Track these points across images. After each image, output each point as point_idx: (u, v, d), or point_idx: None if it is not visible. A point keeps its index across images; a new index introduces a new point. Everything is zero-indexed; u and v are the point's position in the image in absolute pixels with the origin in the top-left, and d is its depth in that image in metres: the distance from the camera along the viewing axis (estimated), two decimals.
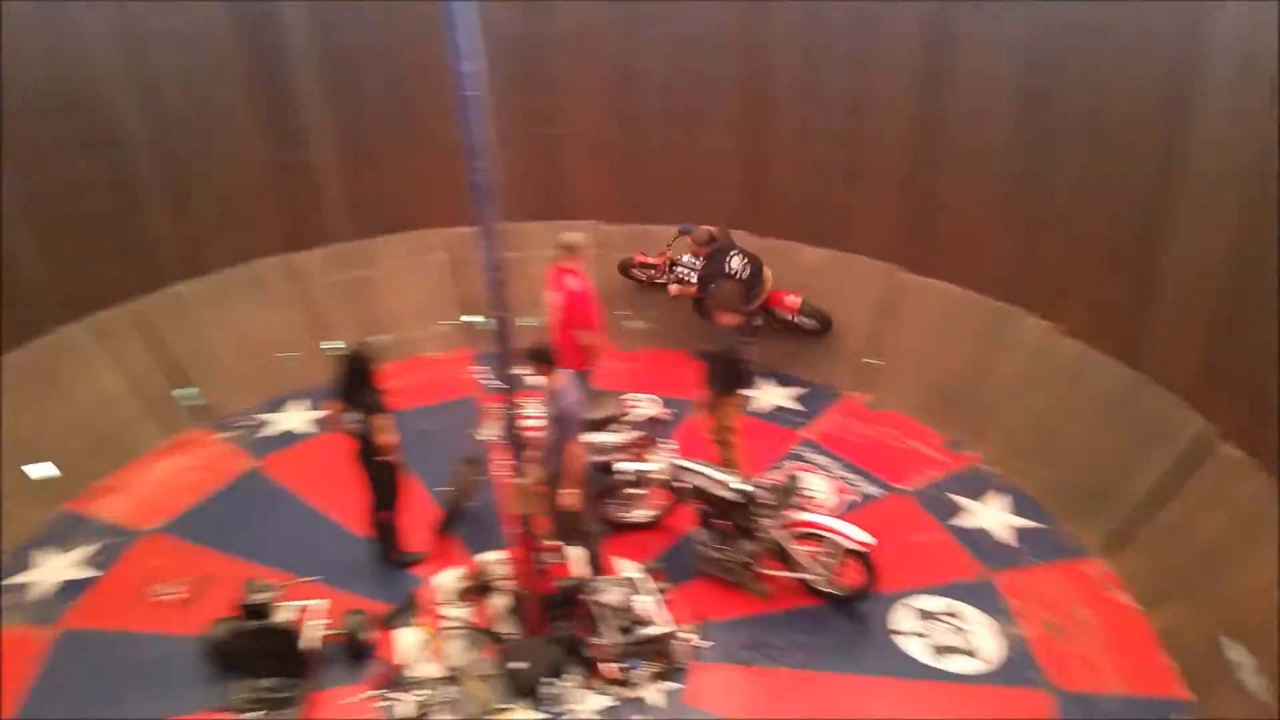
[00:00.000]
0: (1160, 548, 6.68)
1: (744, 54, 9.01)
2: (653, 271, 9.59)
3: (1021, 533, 7.30)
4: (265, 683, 6.01)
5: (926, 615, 6.64)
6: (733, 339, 7.20)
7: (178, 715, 5.96)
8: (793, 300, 9.13)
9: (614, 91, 9.54)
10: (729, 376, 7.17)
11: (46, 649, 6.43)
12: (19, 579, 6.95)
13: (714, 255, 8.79)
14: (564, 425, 6.29)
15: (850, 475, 8.00)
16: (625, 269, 9.75)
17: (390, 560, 7.09)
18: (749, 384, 7.48)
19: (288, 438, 8.45)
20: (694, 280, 9.01)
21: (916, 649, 6.40)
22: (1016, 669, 6.23)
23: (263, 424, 8.55)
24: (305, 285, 9.37)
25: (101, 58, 7.91)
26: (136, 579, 6.98)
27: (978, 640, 6.44)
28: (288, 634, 6.09)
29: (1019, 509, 7.51)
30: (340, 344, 9.11)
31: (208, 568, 7.03)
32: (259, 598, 6.14)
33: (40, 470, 7.55)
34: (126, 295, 8.47)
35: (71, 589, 6.90)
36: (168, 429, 8.36)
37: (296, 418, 8.66)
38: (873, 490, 7.84)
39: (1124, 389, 7.19)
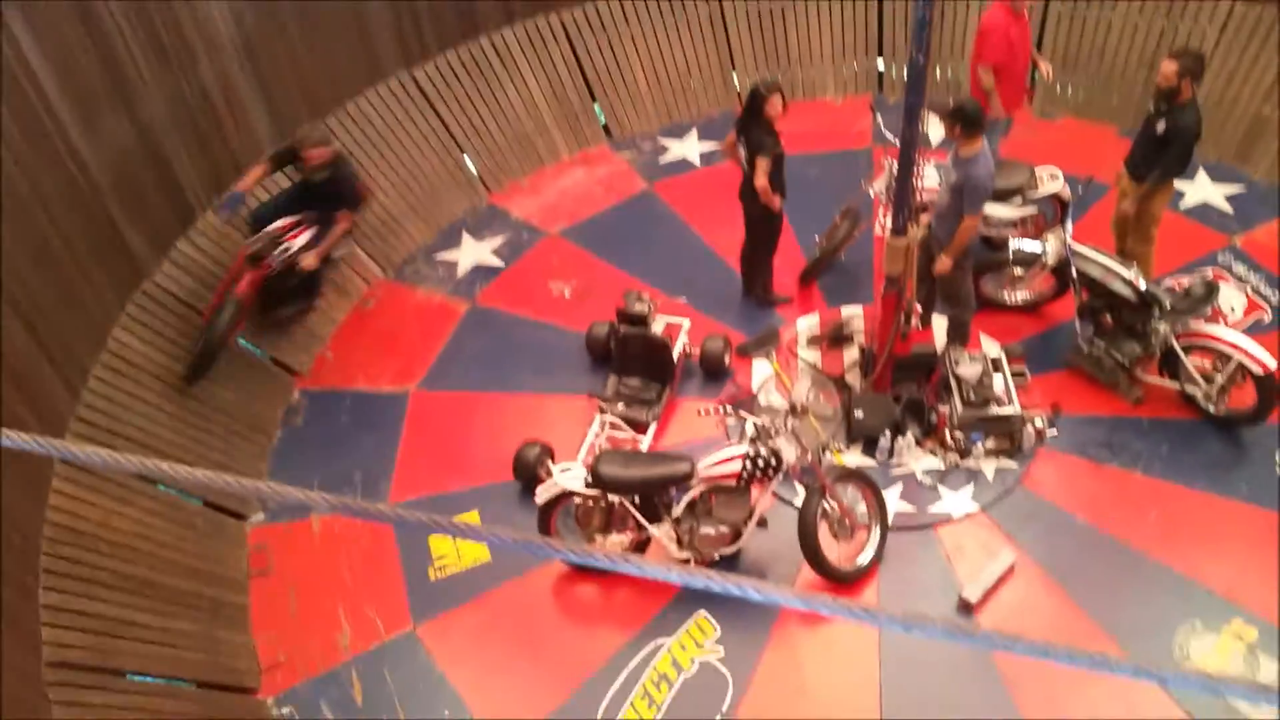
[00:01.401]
0: None
1: None
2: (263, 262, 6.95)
3: None
4: (631, 381, 7.29)
5: None
6: None
7: (555, 392, 7.44)
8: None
9: None
10: (1176, 158, 6.78)
11: (459, 319, 8.13)
12: (447, 256, 8.67)
13: (340, 163, 7.36)
14: (966, 197, 6.35)
15: (1270, 292, 7.48)
16: (216, 336, 6.86)
17: (754, 298, 7.93)
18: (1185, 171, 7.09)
19: (683, 165, 9.34)
20: (318, 234, 7.20)
21: None
22: None
23: (662, 148, 9.53)
24: (721, 12, 9.81)
25: None
26: (536, 273, 8.44)
27: None
28: (657, 343, 7.23)
29: None
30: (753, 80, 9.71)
31: (595, 273, 8.31)
32: (637, 307, 7.28)
33: (470, 164, 9.17)
34: (556, 4, 9.47)
35: (483, 273, 8.50)
36: (577, 141, 9.61)
37: (693, 146, 9.50)
38: None
39: None
